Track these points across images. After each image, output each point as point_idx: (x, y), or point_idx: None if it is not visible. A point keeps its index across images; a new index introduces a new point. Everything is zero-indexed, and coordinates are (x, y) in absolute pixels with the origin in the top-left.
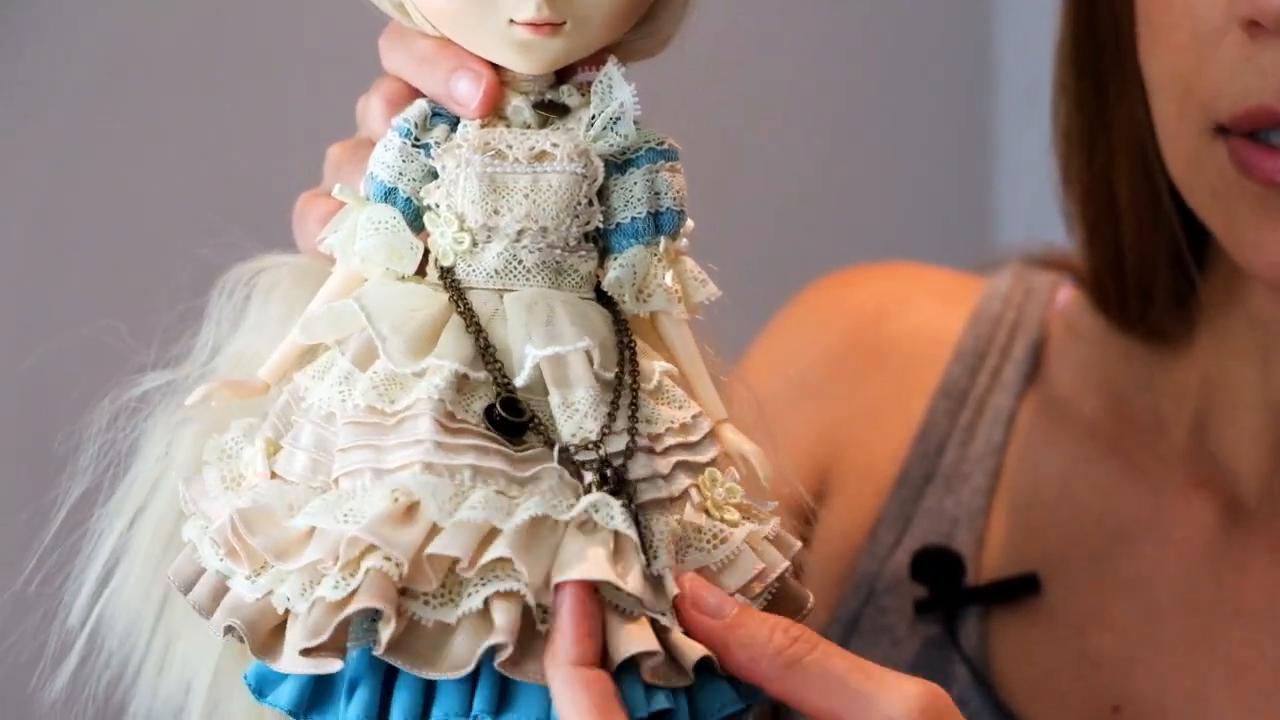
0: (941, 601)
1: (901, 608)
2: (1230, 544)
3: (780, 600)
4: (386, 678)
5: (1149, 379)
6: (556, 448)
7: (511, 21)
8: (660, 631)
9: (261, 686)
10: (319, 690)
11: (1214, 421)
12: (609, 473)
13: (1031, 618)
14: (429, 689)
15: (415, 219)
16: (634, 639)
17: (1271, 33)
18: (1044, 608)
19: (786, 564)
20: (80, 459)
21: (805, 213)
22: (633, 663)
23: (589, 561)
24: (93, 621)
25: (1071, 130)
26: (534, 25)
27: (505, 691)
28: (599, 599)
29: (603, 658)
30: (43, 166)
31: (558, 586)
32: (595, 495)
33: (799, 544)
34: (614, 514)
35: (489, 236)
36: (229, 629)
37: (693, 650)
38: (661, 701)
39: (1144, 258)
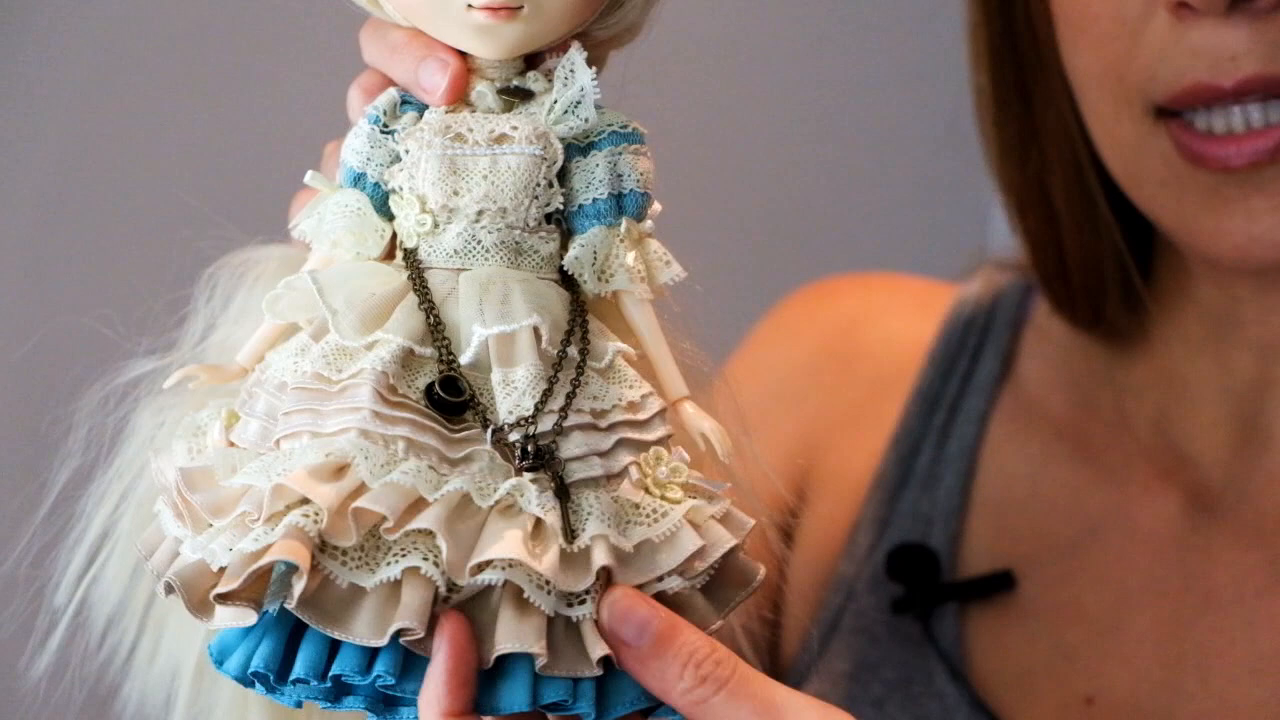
0: (918, 599)
1: (880, 607)
2: (1196, 533)
3: (727, 575)
4: (294, 635)
5: (1111, 376)
6: (490, 429)
7: (469, 7)
8: (567, 625)
9: (222, 657)
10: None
11: (1175, 414)
12: (530, 448)
13: (1006, 613)
14: (333, 646)
15: (384, 203)
16: (509, 636)
17: (1200, 13)
18: (1018, 603)
19: (733, 542)
20: (69, 444)
21: (798, 212)
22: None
23: (504, 540)
24: (77, 603)
25: (1001, 141)
26: (491, 10)
27: (409, 658)
28: (475, 648)
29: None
30: (40, 159)
31: (442, 618)
32: (515, 480)
33: (752, 522)
34: (530, 498)
35: (449, 217)
36: (168, 586)
37: (598, 647)
38: (552, 694)
39: (1088, 262)
